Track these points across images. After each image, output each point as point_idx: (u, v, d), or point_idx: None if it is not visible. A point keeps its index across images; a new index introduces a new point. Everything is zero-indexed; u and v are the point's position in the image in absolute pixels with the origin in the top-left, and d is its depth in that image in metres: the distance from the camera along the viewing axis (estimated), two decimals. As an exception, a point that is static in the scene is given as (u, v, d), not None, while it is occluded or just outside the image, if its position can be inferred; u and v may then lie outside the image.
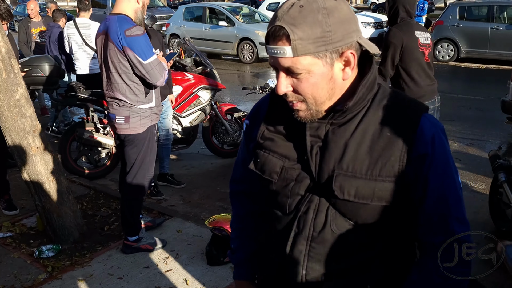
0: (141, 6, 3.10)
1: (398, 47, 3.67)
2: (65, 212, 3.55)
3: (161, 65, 3.08)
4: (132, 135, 3.21)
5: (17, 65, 3.29)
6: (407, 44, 3.67)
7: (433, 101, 3.86)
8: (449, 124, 6.69)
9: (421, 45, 3.73)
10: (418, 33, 3.73)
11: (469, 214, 4.43)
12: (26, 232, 3.82)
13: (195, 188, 4.89)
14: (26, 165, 3.40)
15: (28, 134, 3.35)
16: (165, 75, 3.13)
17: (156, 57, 3.06)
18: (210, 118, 5.56)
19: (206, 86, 5.31)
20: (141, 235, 3.45)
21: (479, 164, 5.30)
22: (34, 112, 3.43)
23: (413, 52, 3.71)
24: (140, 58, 2.96)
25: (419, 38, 3.72)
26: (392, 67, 3.77)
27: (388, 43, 3.70)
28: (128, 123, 3.17)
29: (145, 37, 3.02)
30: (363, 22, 14.04)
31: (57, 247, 3.49)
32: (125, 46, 2.95)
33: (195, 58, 5.50)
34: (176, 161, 5.70)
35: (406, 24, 3.73)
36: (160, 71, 3.06)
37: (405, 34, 3.67)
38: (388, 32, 3.75)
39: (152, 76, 3.03)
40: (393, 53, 3.70)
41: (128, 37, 2.93)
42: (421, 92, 3.80)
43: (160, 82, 3.11)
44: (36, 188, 3.47)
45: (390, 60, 3.73)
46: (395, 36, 3.67)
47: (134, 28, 2.97)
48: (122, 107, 3.15)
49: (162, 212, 4.13)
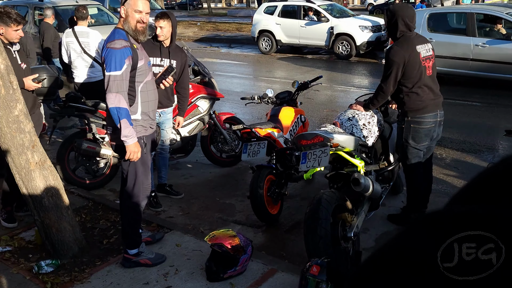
0: (125, 18, 3.15)
1: (400, 65, 3.69)
2: (64, 227, 3.55)
3: (121, 84, 3.05)
4: (120, 146, 3.22)
5: (16, 81, 3.28)
6: (409, 61, 3.68)
7: (434, 114, 3.86)
8: (447, 132, 6.70)
9: (423, 59, 3.74)
10: (420, 47, 3.74)
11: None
12: (25, 246, 3.81)
13: (193, 198, 4.89)
14: (25, 180, 3.40)
15: (27, 149, 3.35)
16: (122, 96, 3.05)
17: (119, 74, 3.04)
18: (208, 127, 5.57)
19: (205, 95, 5.32)
20: (141, 249, 3.45)
21: (477, 173, 5.29)
22: (33, 127, 3.42)
23: (415, 68, 3.72)
24: (106, 67, 3.07)
25: (421, 52, 3.73)
26: (394, 85, 3.79)
27: (390, 62, 3.71)
28: (116, 134, 3.19)
29: (121, 51, 3.04)
30: (360, 26, 14.03)
31: (56, 262, 3.48)
32: (103, 56, 3.12)
33: (193, 68, 5.49)
34: (174, 170, 5.69)
35: (407, 40, 3.73)
36: (117, 88, 3.04)
37: (406, 51, 3.68)
38: (390, 50, 3.75)
39: (107, 87, 3.07)
40: (396, 72, 3.71)
41: (107, 48, 3.08)
42: (422, 104, 3.81)
43: (110, 97, 3.05)
44: (35, 203, 3.46)
45: (393, 79, 3.75)
46: (397, 54, 3.68)
47: (116, 41, 3.07)
48: (111, 118, 3.19)
49: (161, 224, 4.12)
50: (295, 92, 5.15)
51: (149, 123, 3.37)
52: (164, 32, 4.23)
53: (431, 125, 3.87)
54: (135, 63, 3.16)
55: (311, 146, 3.46)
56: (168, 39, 4.31)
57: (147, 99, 3.31)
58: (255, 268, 3.38)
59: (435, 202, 4.58)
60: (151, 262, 3.44)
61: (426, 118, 3.84)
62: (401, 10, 3.73)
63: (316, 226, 3.15)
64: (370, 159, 4.07)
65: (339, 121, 4.06)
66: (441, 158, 5.84)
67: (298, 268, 3.31)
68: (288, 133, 4.69)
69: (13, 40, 4.13)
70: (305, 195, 4.91)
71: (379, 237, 4.03)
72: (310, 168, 3.46)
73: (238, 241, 3.30)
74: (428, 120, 3.85)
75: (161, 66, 4.30)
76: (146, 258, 3.44)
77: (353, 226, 3.41)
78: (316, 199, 3.28)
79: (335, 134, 3.51)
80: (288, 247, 3.93)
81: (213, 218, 4.44)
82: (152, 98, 3.36)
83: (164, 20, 4.21)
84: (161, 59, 4.32)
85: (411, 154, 3.98)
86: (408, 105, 3.87)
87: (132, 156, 3.18)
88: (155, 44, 4.30)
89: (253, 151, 4.27)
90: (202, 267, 3.38)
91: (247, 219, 4.39)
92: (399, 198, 4.69)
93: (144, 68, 3.26)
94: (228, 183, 5.33)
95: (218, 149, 5.69)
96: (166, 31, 4.24)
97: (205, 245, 3.62)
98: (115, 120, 3.09)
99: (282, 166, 4.37)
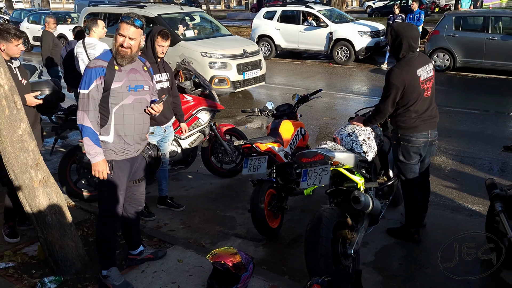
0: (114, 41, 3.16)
1: (400, 89, 3.73)
2: (67, 244, 3.58)
3: (86, 102, 3.10)
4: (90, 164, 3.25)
5: (19, 101, 3.31)
6: (408, 84, 3.73)
7: (425, 134, 3.90)
8: (445, 141, 6.76)
9: (422, 82, 3.78)
10: (420, 70, 3.77)
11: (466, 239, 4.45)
12: (28, 262, 3.84)
13: (194, 211, 4.93)
14: (28, 198, 3.43)
15: (31, 168, 3.38)
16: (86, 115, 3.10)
17: (86, 93, 3.10)
18: (209, 139, 5.61)
19: (206, 107, 5.36)
20: (108, 273, 3.39)
21: (475, 184, 5.35)
22: (37, 146, 3.45)
23: (413, 91, 3.76)
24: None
25: (421, 76, 3.76)
26: (393, 106, 3.84)
27: (390, 84, 3.75)
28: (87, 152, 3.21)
29: (93, 70, 3.09)
30: (359, 31, 14.09)
31: (59, 279, 3.51)
32: None
33: (194, 80, 5.53)
34: (175, 182, 5.73)
35: (408, 63, 3.76)
36: (82, 106, 3.11)
37: (406, 74, 3.72)
38: (391, 72, 3.78)
39: (77, 104, 3.19)
40: (394, 94, 3.76)
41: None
42: (413, 124, 3.86)
43: (77, 114, 3.14)
44: (39, 220, 3.49)
45: (391, 101, 3.80)
46: (397, 78, 3.72)
47: (96, 60, 3.17)
48: None
49: (163, 239, 4.15)
50: (295, 105, 5.19)
51: (123, 147, 3.25)
52: (164, 50, 4.36)
53: (420, 144, 3.92)
54: (108, 84, 3.10)
55: (311, 164, 3.51)
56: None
57: (123, 123, 3.21)
58: (256, 285, 3.41)
59: (433, 214, 4.63)
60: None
61: (415, 137, 3.89)
62: (405, 31, 3.74)
63: (317, 244, 3.19)
64: (370, 174, 4.11)
65: (339, 136, 4.09)
66: (440, 168, 5.89)
67: (299, 284, 3.35)
68: (288, 146, 4.73)
69: (14, 56, 4.16)
70: (305, 208, 4.95)
71: (379, 252, 4.07)
72: (311, 185, 3.50)
73: (240, 258, 3.33)
74: (417, 140, 3.90)
75: (161, 82, 4.39)
76: (110, 283, 3.38)
77: (353, 243, 3.45)
78: (317, 216, 3.32)
79: (336, 152, 3.55)
80: (288, 262, 3.97)
81: (214, 232, 4.47)
82: (130, 122, 3.24)
83: (167, 41, 4.33)
84: (160, 75, 4.38)
85: (405, 170, 4.03)
86: (399, 123, 3.93)
87: (98, 174, 3.19)
88: (152, 62, 4.31)
89: (254, 165, 4.31)
90: (203, 284, 3.42)
91: (248, 233, 4.43)
92: (398, 210, 4.73)
93: (121, 91, 3.16)
94: (228, 194, 5.36)
95: (218, 160, 5.73)
96: (166, 49, 4.36)
97: (206, 261, 3.64)
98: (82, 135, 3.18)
99: (283, 180, 4.42)
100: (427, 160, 4.17)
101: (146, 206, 4.75)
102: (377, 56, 14.76)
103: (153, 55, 4.33)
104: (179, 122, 4.91)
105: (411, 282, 3.64)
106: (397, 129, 3.98)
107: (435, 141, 4.06)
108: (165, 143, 4.68)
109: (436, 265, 3.78)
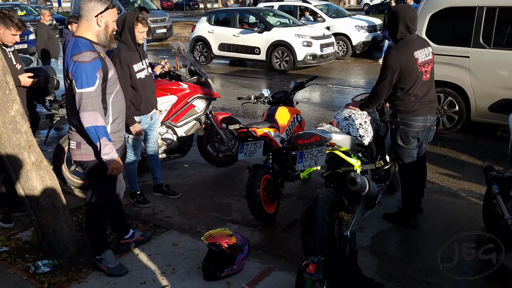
0: (102, 28, 2.99)
1: (396, 70, 3.70)
2: (61, 227, 3.55)
3: (95, 101, 2.88)
4: (84, 162, 3.11)
5: (12, 81, 3.28)
6: (406, 66, 3.69)
7: (424, 119, 3.88)
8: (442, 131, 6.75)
9: (420, 64, 3.75)
10: (418, 52, 3.74)
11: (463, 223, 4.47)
12: (22, 246, 3.80)
13: (190, 198, 4.89)
14: (21, 180, 3.40)
15: (24, 149, 3.34)
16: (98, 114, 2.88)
17: (93, 90, 2.85)
18: (205, 127, 5.57)
19: (201, 95, 5.32)
20: (103, 256, 3.36)
21: (472, 172, 5.34)
22: (30, 127, 3.42)
23: (411, 74, 3.73)
24: (75, 84, 2.84)
25: (419, 58, 3.73)
26: (389, 89, 3.81)
27: (386, 66, 3.72)
28: (80, 149, 3.07)
29: (90, 65, 2.84)
30: (356, 26, 14.07)
31: (53, 262, 3.48)
32: (69, 72, 2.88)
33: (189, 68, 5.50)
34: (171, 171, 5.70)
35: (406, 44, 3.73)
36: (91, 106, 2.86)
37: (404, 56, 3.69)
38: (387, 54, 3.76)
39: (79, 106, 2.86)
40: (391, 76, 3.73)
41: (73, 62, 2.84)
42: (412, 108, 3.83)
43: (85, 116, 2.86)
44: (32, 203, 3.46)
45: (388, 83, 3.76)
46: (394, 59, 3.69)
47: (83, 53, 2.84)
48: (74, 132, 3.06)
49: (158, 224, 4.12)
50: (291, 92, 5.17)
51: (118, 135, 3.20)
52: (145, 36, 4.28)
53: (419, 128, 3.89)
54: (106, 74, 2.98)
55: (307, 146, 3.48)
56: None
57: (118, 110, 3.13)
58: (252, 267, 3.39)
59: (430, 200, 4.62)
60: (107, 271, 3.33)
61: (415, 121, 3.86)
62: (402, 11, 3.72)
63: (313, 225, 3.17)
64: (366, 158, 4.08)
65: (335, 120, 4.07)
66: (437, 157, 5.87)
67: (295, 266, 3.32)
68: (284, 133, 4.70)
69: (8, 43, 4.14)
70: (302, 194, 4.92)
71: (375, 236, 4.04)
72: (307, 167, 3.47)
73: (235, 240, 3.31)
74: (416, 124, 3.87)
75: (144, 69, 4.32)
76: (104, 266, 3.35)
77: (349, 225, 3.43)
78: (313, 198, 3.30)
79: (332, 133, 3.52)
80: (284, 246, 3.94)
81: (210, 218, 4.44)
82: (121, 108, 3.17)
83: (146, 27, 4.26)
84: (142, 63, 4.31)
85: (403, 154, 4.00)
86: (398, 107, 3.90)
87: (115, 172, 3.07)
88: (133, 49, 4.20)
89: (250, 150, 4.28)
90: (199, 266, 3.39)
91: (244, 219, 4.40)
92: (395, 197, 4.71)
93: (114, 77, 3.09)
94: (225, 183, 5.33)
95: (214, 149, 5.70)
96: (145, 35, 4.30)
97: (202, 245, 3.63)
98: (94, 139, 2.93)
99: (279, 166, 4.39)
100: (424, 145, 4.15)
101: (141, 194, 4.72)
102: (375, 51, 14.74)
103: (133, 42, 4.19)
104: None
105: (408, 265, 3.62)
106: (396, 113, 3.95)
107: (434, 126, 4.03)
108: (153, 131, 4.62)
109: (433, 249, 3.76)
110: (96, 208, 3.29)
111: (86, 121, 2.88)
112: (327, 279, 2.82)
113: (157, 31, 19.17)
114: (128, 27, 4.15)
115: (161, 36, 19.52)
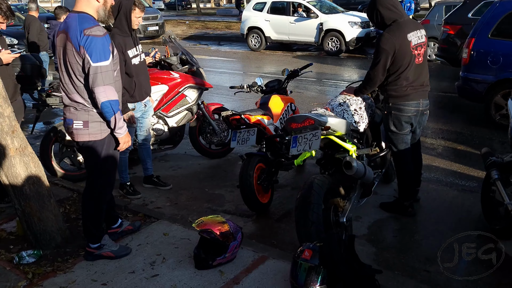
0: (102, 3, 2.94)
1: (390, 54, 3.61)
2: (46, 216, 3.40)
3: (110, 75, 2.86)
4: (91, 141, 3.03)
5: (-6, 63, 3.14)
6: (399, 49, 3.60)
7: (416, 103, 3.79)
8: (440, 123, 6.68)
9: (413, 47, 3.66)
10: (411, 34, 3.65)
11: (461, 213, 4.38)
12: (6, 238, 3.66)
13: (182, 189, 4.77)
14: (4, 167, 3.26)
15: (6, 135, 3.21)
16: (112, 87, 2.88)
17: (108, 64, 2.84)
18: (197, 118, 5.45)
19: (193, 85, 5.19)
20: (103, 242, 3.28)
21: (469, 161, 5.26)
22: (13, 112, 3.29)
23: (404, 57, 3.64)
24: (90, 58, 2.78)
25: (412, 40, 3.64)
26: (383, 73, 3.71)
27: (380, 50, 3.63)
28: (87, 129, 2.99)
29: (104, 39, 2.83)
30: (350, 22, 13.99)
31: (37, 253, 3.34)
32: (81, 46, 2.78)
33: (181, 57, 5.38)
34: (162, 162, 5.57)
35: (398, 28, 3.64)
36: (106, 79, 2.83)
37: (397, 39, 3.60)
38: (380, 37, 3.66)
39: (94, 81, 2.82)
40: (385, 60, 3.64)
41: (86, 36, 2.78)
42: (404, 92, 3.74)
43: (99, 90, 2.83)
44: (16, 191, 3.32)
45: (382, 67, 3.67)
46: (388, 42, 3.60)
47: (94, 28, 2.81)
48: (81, 111, 2.97)
49: (148, 214, 3.99)
50: (285, 81, 5.06)
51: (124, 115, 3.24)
52: (140, 21, 4.18)
53: (412, 113, 3.80)
54: (112, 49, 2.97)
55: (301, 130, 3.37)
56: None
57: (119, 89, 3.08)
58: (245, 256, 3.27)
59: (427, 189, 4.53)
60: (114, 255, 3.27)
61: (407, 106, 3.77)
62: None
63: (308, 211, 3.06)
64: (361, 145, 3.98)
65: (330, 106, 3.96)
66: (433, 147, 5.79)
67: (289, 254, 3.21)
68: (278, 121, 4.59)
69: None
70: (296, 185, 4.81)
71: (372, 225, 3.94)
72: (301, 151, 3.37)
73: (228, 227, 3.19)
74: (409, 108, 3.78)
75: (138, 55, 4.20)
76: (109, 250, 3.27)
77: (345, 212, 3.33)
78: (308, 183, 3.19)
79: (327, 117, 3.41)
80: (279, 236, 3.83)
81: (201, 208, 4.32)
82: (119, 89, 3.13)
83: (143, 11, 4.17)
84: (136, 49, 4.19)
85: (397, 140, 3.91)
86: (389, 92, 3.80)
87: (126, 146, 3.09)
88: (127, 35, 4.10)
89: (243, 138, 4.16)
90: (190, 255, 3.26)
91: (237, 209, 4.29)
92: (391, 186, 4.62)
93: (117, 56, 3.08)
94: (217, 174, 5.21)
95: (207, 140, 5.57)
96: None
97: (193, 234, 3.51)
98: (108, 114, 2.89)
99: (273, 154, 4.28)
100: (418, 131, 4.05)
101: (131, 185, 4.59)
102: (368, 48, 14.69)
103: (128, 28, 4.08)
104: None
105: (406, 253, 3.52)
106: (387, 98, 3.85)
107: (427, 110, 3.94)
108: (145, 119, 4.49)
109: (431, 237, 3.67)
110: (100, 189, 3.21)
111: (101, 95, 2.84)
112: (324, 265, 2.71)
113: (149, 29, 18.99)
114: (124, 12, 4.04)
115: (153, 34, 19.34)
